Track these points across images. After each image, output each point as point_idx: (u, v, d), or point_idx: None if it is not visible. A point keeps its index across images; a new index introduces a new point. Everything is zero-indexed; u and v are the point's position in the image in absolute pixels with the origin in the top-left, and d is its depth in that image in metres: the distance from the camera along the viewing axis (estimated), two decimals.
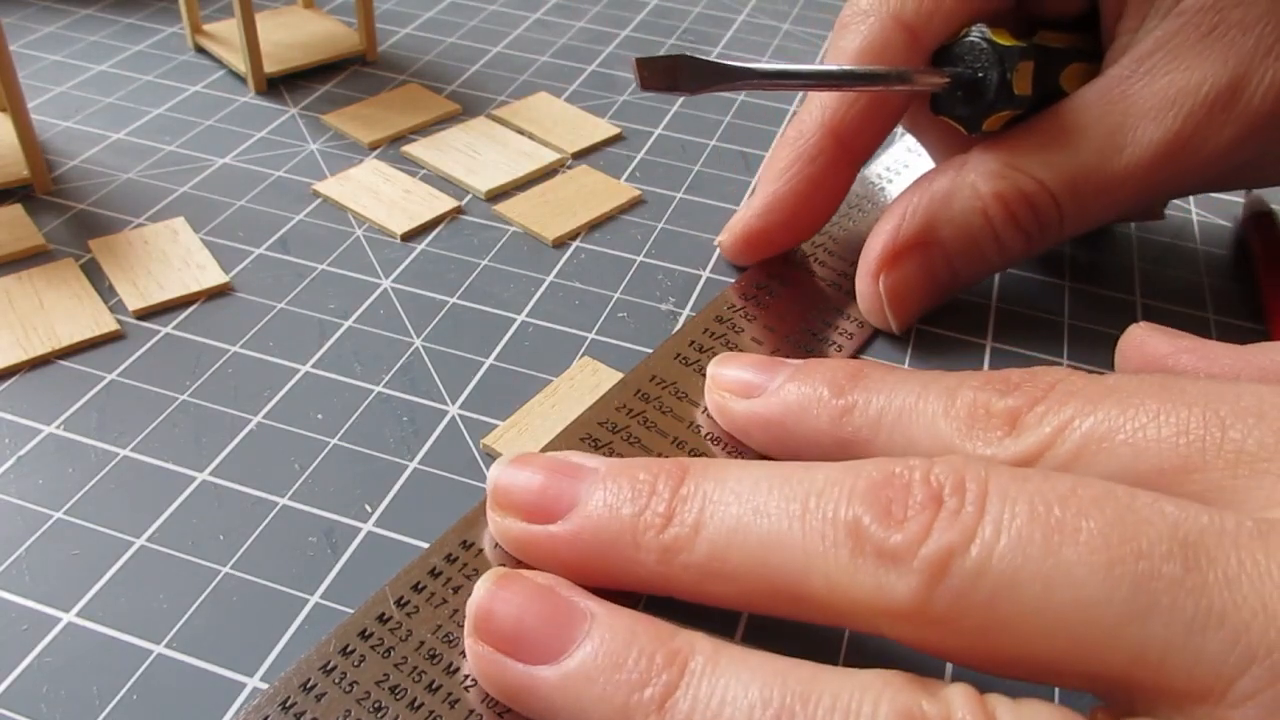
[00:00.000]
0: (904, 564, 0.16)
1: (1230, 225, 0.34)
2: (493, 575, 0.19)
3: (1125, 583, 0.14)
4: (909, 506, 0.16)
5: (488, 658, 0.18)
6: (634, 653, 0.17)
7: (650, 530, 0.18)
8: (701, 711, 0.16)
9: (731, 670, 0.16)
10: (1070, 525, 0.15)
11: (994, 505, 0.16)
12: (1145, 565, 0.14)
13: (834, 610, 0.17)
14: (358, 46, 0.40)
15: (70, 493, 0.22)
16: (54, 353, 0.26)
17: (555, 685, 0.17)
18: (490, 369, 0.26)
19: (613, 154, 0.36)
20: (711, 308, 0.28)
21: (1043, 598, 0.15)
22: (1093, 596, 0.14)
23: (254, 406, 0.25)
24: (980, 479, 0.16)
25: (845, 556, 0.16)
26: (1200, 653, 0.14)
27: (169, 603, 0.20)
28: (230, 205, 0.32)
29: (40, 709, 0.18)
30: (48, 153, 0.34)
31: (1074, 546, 0.15)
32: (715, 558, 0.18)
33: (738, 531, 0.17)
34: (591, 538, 0.19)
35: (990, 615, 0.15)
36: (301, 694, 0.18)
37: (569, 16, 0.46)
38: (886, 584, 0.16)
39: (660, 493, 0.18)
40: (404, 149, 0.35)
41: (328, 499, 0.23)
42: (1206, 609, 0.14)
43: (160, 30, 0.42)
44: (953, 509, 0.16)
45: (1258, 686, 0.14)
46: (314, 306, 0.28)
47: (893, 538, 0.16)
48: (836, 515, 0.17)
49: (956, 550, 0.15)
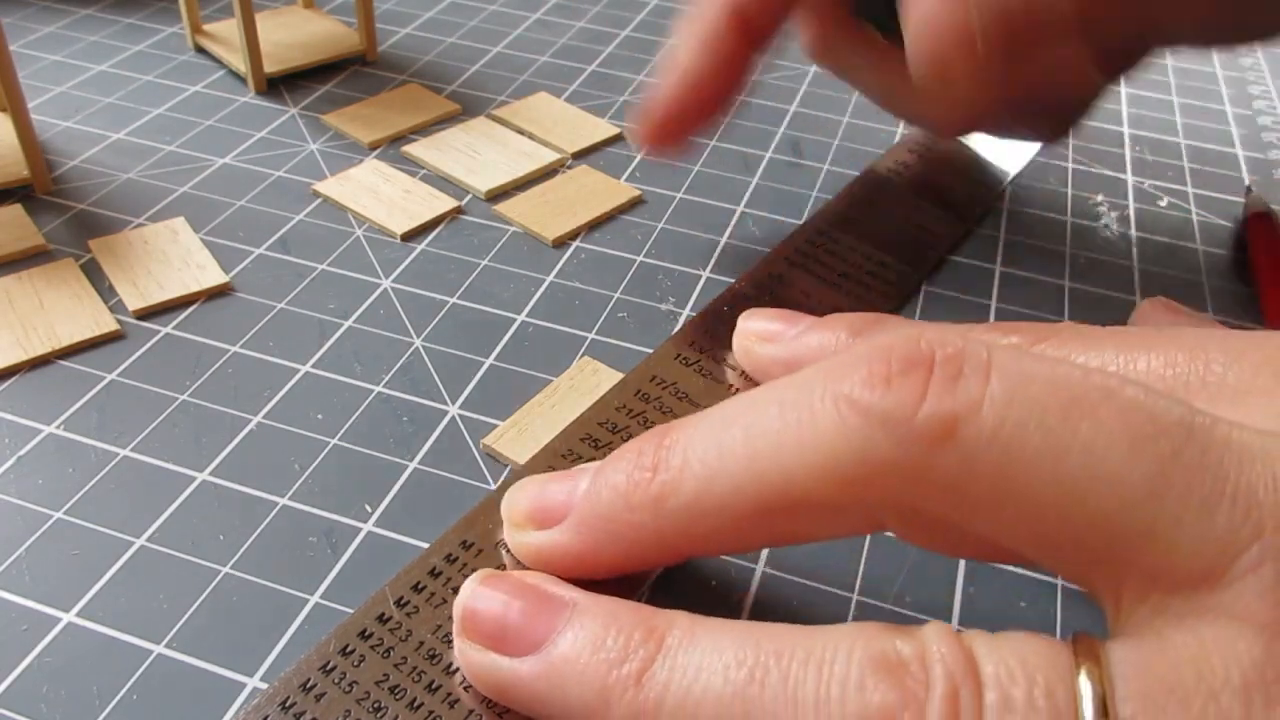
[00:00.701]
0: (909, 422, 0.15)
1: (1230, 225, 0.35)
2: (478, 576, 0.19)
3: (1146, 458, 0.14)
4: (916, 377, 0.16)
5: (475, 655, 0.18)
6: (613, 633, 0.17)
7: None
8: (679, 680, 0.16)
9: (708, 639, 0.16)
10: (1090, 402, 0.15)
11: (1008, 377, 0.15)
12: (1166, 444, 0.14)
13: (832, 497, 0.16)
14: (358, 46, 0.40)
15: (70, 493, 0.22)
16: (54, 353, 0.26)
17: (539, 674, 0.17)
18: (490, 369, 0.26)
19: (613, 154, 0.36)
20: (711, 307, 0.28)
21: (1060, 471, 0.15)
22: (1113, 470, 0.14)
23: (254, 406, 0.25)
24: (994, 357, 0.16)
25: (851, 423, 0.16)
26: (1211, 527, 0.14)
27: (169, 603, 0.20)
28: (230, 205, 0.32)
29: (40, 709, 0.18)
30: (48, 153, 0.34)
31: (1094, 421, 0.15)
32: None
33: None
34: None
35: (1000, 484, 0.15)
36: (301, 694, 0.18)
37: (569, 16, 0.46)
38: (893, 442, 0.15)
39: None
40: (404, 149, 0.35)
41: (328, 499, 0.23)
42: (1222, 486, 0.14)
43: (160, 30, 0.42)
44: (964, 374, 0.15)
45: (1260, 561, 0.14)
46: (314, 306, 0.28)
47: (897, 400, 0.15)
48: (842, 389, 0.16)
49: (966, 413, 0.15)
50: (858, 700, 0.15)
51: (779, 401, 0.17)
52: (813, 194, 0.34)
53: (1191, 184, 0.37)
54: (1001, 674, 0.14)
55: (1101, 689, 0.14)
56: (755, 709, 0.15)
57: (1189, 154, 0.39)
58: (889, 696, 0.14)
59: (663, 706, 0.16)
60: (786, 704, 0.15)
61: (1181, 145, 0.39)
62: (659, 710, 0.16)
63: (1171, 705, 0.13)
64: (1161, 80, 0.44)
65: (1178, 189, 0.36)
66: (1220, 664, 0.13)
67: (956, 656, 0.15)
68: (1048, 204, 0.35)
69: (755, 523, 0.17)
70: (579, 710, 0.17)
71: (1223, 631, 0.14)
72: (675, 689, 0.16)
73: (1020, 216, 0.34)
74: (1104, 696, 0.14)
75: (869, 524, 0.17)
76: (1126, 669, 0.14)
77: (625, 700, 0.16)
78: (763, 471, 0.17)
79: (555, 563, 0.19)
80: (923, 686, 0.14)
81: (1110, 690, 0.14)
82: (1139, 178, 0.37)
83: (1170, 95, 0.43)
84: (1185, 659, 0.14)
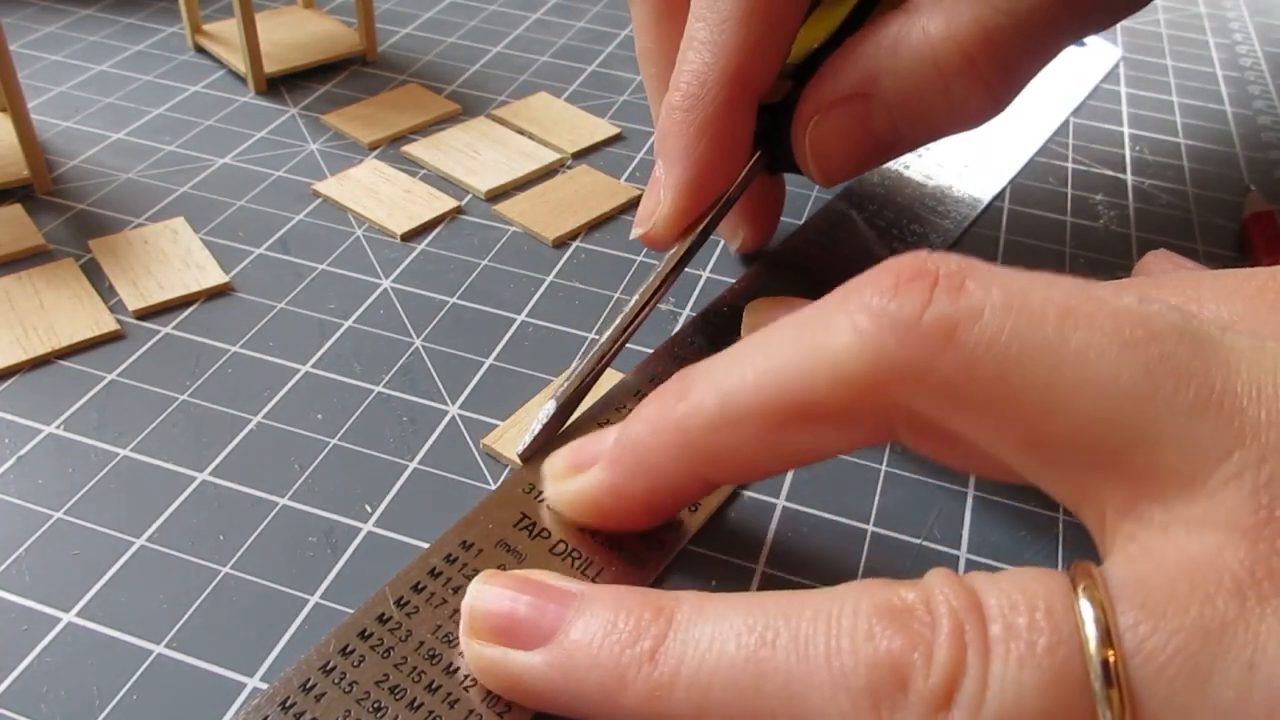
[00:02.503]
0: (915, 324, 0.16)
1: (1230, 225, 0.34)
2: (482, 576, 0.19)
3: (1136, 364, 0.15)
4: (923, 285, 0.17)
5: (485, 651, 0.18)
6: (622, 615, 0.17)
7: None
8: (692, 652, 0.16)
9: (716, 612, 0.17)
10: (1084, 312, 0.15)
11: (1008, 288, 0.16)
12: (1155, 350, 0.15)
13: (846, 403, 0.17)
14: (358, 46, 0.40)
15: (70, 493, 0.22)
16: (54, 353, 0.26)
17: (552, 663, 0.17)
18: (490, 369, 0.26)
19: (613, 154, 0.36)
20: (711, 307, 0.28)
21: (1054, 373, 0.15)
22: (1105, 374, 0.15)
23: (254, 406, 0.25)
24: (996, 271, 0.17)
25: (863, 329, 0.17)
26: (1194, 434, 0.14)
27: (169, 603, 0.20)
28: (230, 205, 0.32)
29: (40, 709, 0.18)
30: (48, 153, 0.34)
31: (1087, 327, 0.15)
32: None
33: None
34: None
35: (996, 386, 0.16)
36: (301, 694, 0.18)
37: (569, 16, 0.46)
38: (900, 344, 0.16)
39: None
40: (404, 149, 0.35)
41: (328, 499, 0.23)
42: (1207, 393, 0.14)
43: (160, 30, 0.42)
44: (967, 285, 0.16)
45: (1241, 469, 0.14)
46: (314, 306, 0.28)
47: (905, 305, 0.16)
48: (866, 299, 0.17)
49: (967, 319, 0.16)
50: (868, 648, 0.15)
51: (796, 324, 0.18)
52: (813, 194, 0.34)
53: (1191, 184, 0.37)
54: (1004, 605, 0.15)
55: (1101, 605, 0.14)
56: (768, 669, 0.16)
57: (1189, 154, 0.39)
58: (897, 641, 0.15)
59: (678, 679, 0.16)
60: (798, 660, 0.15)
61: (1181, 145, 0.39)
62: (674, 683, 0.16)
63: (1170, 610, 0.14)
64: (1161, 80, 0.44)
65: (1178, 189, 0.36)
66: (1211, 570, 0.14)
67: (960, 596, 0.15)
68: (1048, 204, 0.35)
69: (774, 437, 0.18)
70: (595, 694, 0.17)
71: (1209, 539, 0.14)
72: (689, 661, 0.16)
73: (1020, 216, 0.34)
74: (1104, 611, 0.14)
75: (880, 434, 0.18)
76: (1123, 583, 0.14)
77: (641, 677, 0.16)
78: (781, 382, 0.18)
79: (592, 500, 0.21)
80: (929, 628, 0.15)
81: (1109, 605, 0.14)
82: (1139, 178, 0.37)
83: (1170, 95, 0.43)
84: (1177, 568, 0.14)
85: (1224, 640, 0.13)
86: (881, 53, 0.24)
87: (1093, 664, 0.14)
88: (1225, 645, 0.13)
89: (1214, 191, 0.36)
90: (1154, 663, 0.14)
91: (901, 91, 0.24)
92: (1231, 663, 0.13)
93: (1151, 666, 0.14)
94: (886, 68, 0.24)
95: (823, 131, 0.25)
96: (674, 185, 0.25)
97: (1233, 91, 0.44)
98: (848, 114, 0.25)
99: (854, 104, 0.25)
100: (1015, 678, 0.14)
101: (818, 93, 0.25)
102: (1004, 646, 0.14)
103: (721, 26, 0.24)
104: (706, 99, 0.24)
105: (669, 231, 0.25)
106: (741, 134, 0.25)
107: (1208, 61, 0.46)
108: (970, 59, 0.23)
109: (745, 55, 0.24)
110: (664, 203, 0.25)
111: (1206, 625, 0.14)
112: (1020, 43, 0.23)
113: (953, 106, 0.24)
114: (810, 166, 0.26)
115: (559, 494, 0.21)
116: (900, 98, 0.24)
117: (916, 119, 0.25)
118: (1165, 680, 0.14)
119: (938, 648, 0.15)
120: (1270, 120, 0.42)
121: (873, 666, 0.15)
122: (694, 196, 0.25)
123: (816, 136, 0.25)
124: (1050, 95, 0.41)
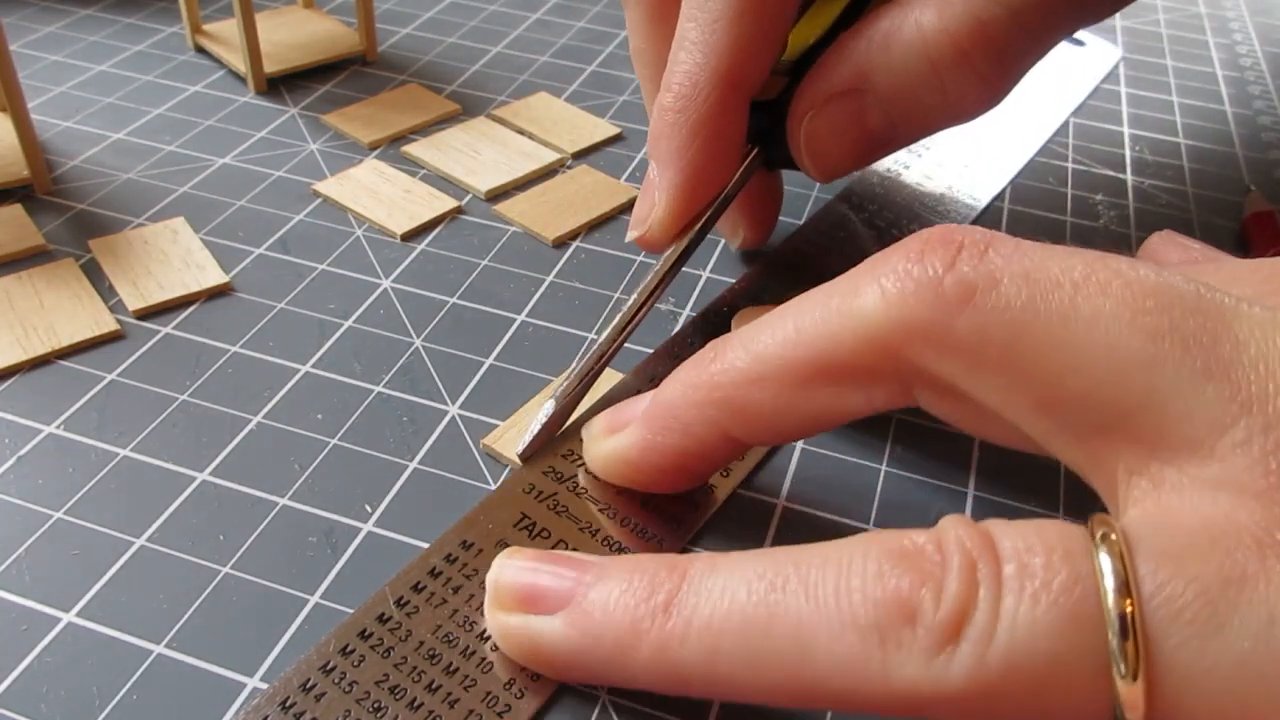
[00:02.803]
0: (937, 286, 0.17)
1: (1230, 225, 0.34)
2: (506, 553, 0.19)
3: (1146, 330, 0.15)
4: (947, 251, 0.17)
5: (509, 620, 0.18)
6: (638, 575, 0.17)
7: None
8: (704, 601, 0.16)
9: (729, 564, 0.17)
10: (1097, 281, 0.16)
11: (1029, 257, 0.17)
12: (1165, 319, 0.15)
13: (870, 361, 0.18)
14: (358, 46, 0.40)
15: (70, 493, 0.22)
16: (54, 353, 0.26)
17: (571, 623, 0.18)
18: (490, 369, 0.26)
19: (613, 154, 0.36)
20: (711, 307, 0.28)
21: (1064, 337, 0.16)
22: (1115, 339, 0.15)
23: (254, 406, 0.25)
24: (1020, 242, 0.17)
25: (889, 290, 0.17)
26: (1201, 399, 0.15)
27: (169, 603, 0.20)
28: (230, 205, 0.32)
29: (40, 709, 0.18)
30: (48, 153, 0.34)
31: (1102, 295, 0.16)
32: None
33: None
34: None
35: (1011, 349, 0.16)
36: (301, 694, 0.18)
37: (569, 16, 0.46)
38: (922, 304, 0.17)
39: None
40: (404, 149, 0.35)
41: (328, 499, 0.23)
42: (1215, 359, 0.15)
43: (160, 30, 0.42)
44: (988, 253, 0.17)
45: (1248, 436, 0.14)
46: (314, 306, 0.28)
47: (929, 267, 0.17)
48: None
49: (986, 283, 0.16)
50: (876, 587, 0.15)
51: (827, 289, 0.19)
52: (813, 194, 0.34)
53: (1191, 184, 0.37)
54: (1020, 547, 0.15)
55: (1120, 555, 0.14)
56: (778, 611, 0.16)
57: (1189, 154, 0.39)
58: (906, 579, 0.15)
59: (690, 628, 0.16)
60: (807, 601, 0.16)
61: (1181, 145, 0.39)
62: (686, 633, 0.16)
63: (1190, 558, 0.14)
64: (1161, 80, 0.44)
65: (1178, 189, 0.36)
66: (1229, 526, 0.14)
67: (974, 537, 0.15)
68: (1048, 204, 0.35)
69: (800, 394, 0.19)
70: (611, 650, 0.17)
71: (1223, 500, 0.14)
72: (701, 609, 0.16)
73: (1020, 216, 0.34)
74: (1122, 562, 0.14)
75: (900, 395, 0.18)
76: (1140, 534, 0.14)
77: (655, 629, 0.17)
78: (809, 341, 0.18)
79: (624, 457, 0.21)
80: (939, 566, 0.15)
81: (1128, 554, 0.14)
82: (1139, 178, 0.37)
83: (1170, 95, 0.43)
84: (1195, 523, 0.14)
85: (1245, 591, 0.13)
86: (874, 47, 0.24)
87: (1110, 615, 0.14)
88: (1246, 596, 0.13)
89: (1214, 191, 0.36)
90: (1172, 605, 0.14)
91: (895, 86, 0.24)
92: (1252, 614, 0.13)
93: (1169, 609, 0.14)
94: (880, 63, 0.24)
95: (818, 128, 0.25)
96: (668, 188, 0.25)
97: (1233, 91, 0.44)
98: (842, 110, 0.25)
99: (848, 100, 0.25)
100: (1028, 613, 0.14)
101: (812, 89, 0.25)
102: (1018, 583, 0.14)
103: (713, 27, 0.24)
104: (698, 100, 0.24)
105: (664, 234, 0.25)
106: (734, 135, 0.25)
107: (1208, 61, 0.46)
108: (964, 52, 0.23)
109: (737, 56, 0.24)
110: (658, 205, 0.25)
111: (1228, 574, 0.14)
112: (1015, 34, 0.23)
113: (948, 100, 0.24)
114: (806, 163, 0.26)
115: (595, 454, 0.22)
116: (894, 93, 0.24)
117: (912, 113, 0.24)
118: (1183, 624, 0.14)
119: (948, 583, 0.15)
120: (1270, 120, 0.42)
121: (880, 603, 0.15)
122: (688, 198, 0.25)
123: (812, 133, 0.25)
124: (1050, 95, 0.41)
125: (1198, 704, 0.14)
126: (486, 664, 0.19)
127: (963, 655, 0.14)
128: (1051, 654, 0.14)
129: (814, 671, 0.15)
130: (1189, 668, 0.13)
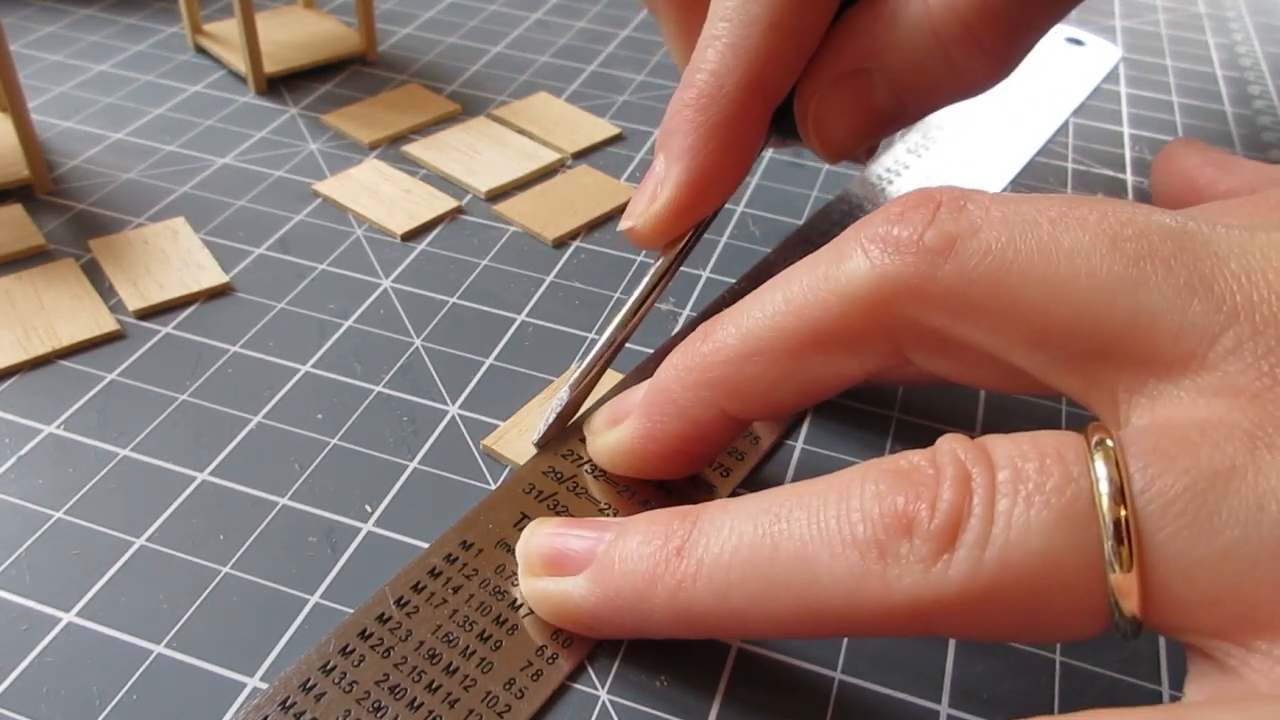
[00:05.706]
0: (918, 242, 0.17)
1: None
2: (534, 524, 0.20)
3: (1124, 256, 0.16)
4: (926, 209, 0.18)
5: (540, 584, 0.19)
6: (656, 527, 0.18)
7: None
8: (715, 541, 0.17)
9: (739, 506, 0.17)
10: (1075, 216, 0.16)
11: (1006, 205, 0.17)
12: (1144, 244, 0.16)
13: (859, 325, 0.18)
14: (358, 46, 0.40)
15: (70, 493, 0.22)
16: (54, 353, 0.26)
17: (592, 578, 0.18)
18: (490, 369, 0.26)
19: (613, 154, 0.36)
20: (711, 308, 0.28)
21: (1047, 271, 0.16)
22: (1094, 267, 0.16)
23: (254, 406, 0.25)
24: (996, 196, 0.18)
25: (871, 253, 0.18)
26: (1188, 313, 0.15)
27: (169, 603, 0.20)
28: (230, 205, 0.32)
29: (40, 709, 0.18)
30: (48, 153, 0.34)
31: (1080, 231, 0.16)
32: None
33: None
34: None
35: (996, 290, 0.16)
36: (301, 694, 0.18)
37: (569, 16, 0.46)
38: (903, 261, 0.17)
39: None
40: (404, 149, 0.35)
41: (328, 499, 0.23)
42: (1197, 276, 0.15)
43: (160, 30, 0.42)
44: (967, 208, 0.17)
45: (1238, 342, 0.15)
46: (314, 306, 0.28)
47: (908, 226, 0.17)
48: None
49: (966, 233, 0.17)
50: (874, 505, 0.16)
51: (812, 259, 0.19)
52: (813, 194, 0.34)
53: None
54: (1014, 454, 0.15)
55: (1115, 462, 0.14)
56: (782, 540, 0.16)
57: None
58: (902, 495, 0.15)
59: (701, 568, 0.17)
60: (809, 526, 0.16)
61: None
62: (698, 573, 0.17)
63: (1180, 454, 0.14)
64: (1161, 80, 0.44)
65: None
66: (1221, 424, 0.14)
67: (969, 450, 0.16)
68: None
69: (792, 365, 0.19)
70: (631, 599, 0.18)
71: (1218, 404, 0.15)
72: (712, 549, 0.17)
73: None
74: (1118, 469, 0.14)
75: (891, 356, 0.19)
76: (1134, 440, 0.15)
77: (669, 572, 0.17)
78: (796, 310, 0.19)
79: (627, 448, 0.22)
80: (934, 480, 0.15)
81: (1123, 459, 0.14)
82: (1139, 178, 0.37)
83: (1170, 95, 0.43)
84: (1190, 423, 0.15)
85: (1233, 481, 0.14)
86: (880, 26, 0.23)
87: (1104, 521, 0.14)
88: (1234, 486, 0.14)
89: None
90: (1162, 498, 0.14)
91: (902, 64, 0.24)
92: (1240, 503, 0.14)
93: (1159, 502, 0.14)
94: (885, 41, 0.24)
95: (826, 110, 0.25)
96: (674, 183, 0.23)
97: (1233, 91, 0.44)
98: (849, 90, 0.25)
99: (855, 79, 0.24)
100: (1022, 515, 0.14)
101: (819, 70, 0.25)
102: (1011, 487, 0.15)
103: (748, 30, 0.23)
104: (723, 100, 0.23)
105: (659, 230, 0.24)
106: (751, 142, 0.24)
107: (1208, 61, 0.46)
108: (969, 27, 0.23)
109: (770, 63, 0.23)
110: (659, 200, 0.24)
111: (1216, 467, 0.14)
112: (1019, 8, 0.23)
113: (956, 75, 0.24)
114: (815, 143, 0.26)
115: (598, 447, 0.22)
116: (901, 70, 0.24)
117: (919, 90, 0.24)
118: (1172, 515, 0.14)
119: (942, 492, 0.15)
120: (1270, 120, 0.42)
121: (878, 520, 0.15)
122: (693, 198, 0.24)
123: (820, 115, 0.25)
124: (1050, 95, 0.41)
125: (1191, 592, 0.14)
126: (486, 664, 0.19)
127: (959, 560, 0.15)
128: (1046, 552, 0.14)
129: (818, 593, 0.16)
130: (1181, 558, 0.14)
